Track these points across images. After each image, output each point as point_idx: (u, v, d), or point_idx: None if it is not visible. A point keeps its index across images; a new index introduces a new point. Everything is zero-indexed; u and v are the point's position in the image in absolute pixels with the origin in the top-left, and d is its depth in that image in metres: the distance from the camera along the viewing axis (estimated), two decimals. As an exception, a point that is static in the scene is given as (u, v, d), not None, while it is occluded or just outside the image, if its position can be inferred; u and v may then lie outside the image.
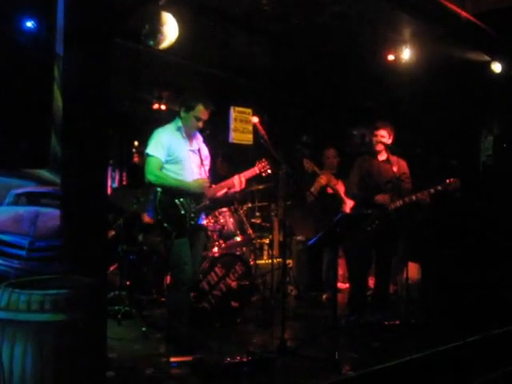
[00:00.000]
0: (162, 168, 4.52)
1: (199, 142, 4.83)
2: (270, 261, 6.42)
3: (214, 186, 4.79)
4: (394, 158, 5.63)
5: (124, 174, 10.06)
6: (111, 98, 3.68)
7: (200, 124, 4.68)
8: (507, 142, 7.39)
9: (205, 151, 4.87)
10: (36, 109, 3.00)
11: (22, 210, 5.17)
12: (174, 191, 4.51)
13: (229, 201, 6.12)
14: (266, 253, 7.80)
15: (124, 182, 10.02)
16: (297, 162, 6.47)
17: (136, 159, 6.84)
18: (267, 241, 7.26)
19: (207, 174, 4.78)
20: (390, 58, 6.68)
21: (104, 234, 3.87)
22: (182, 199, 4.52)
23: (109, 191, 7.62)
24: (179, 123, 4.69)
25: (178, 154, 4.58)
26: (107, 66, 3.60)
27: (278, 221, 7.03)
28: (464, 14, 6.03)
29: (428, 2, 5.62)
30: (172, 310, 4.58)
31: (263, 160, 5.09)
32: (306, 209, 6.80)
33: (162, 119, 9.01)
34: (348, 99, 8.34)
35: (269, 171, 5.11)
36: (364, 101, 8.19)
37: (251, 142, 7.36)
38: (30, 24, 2.92)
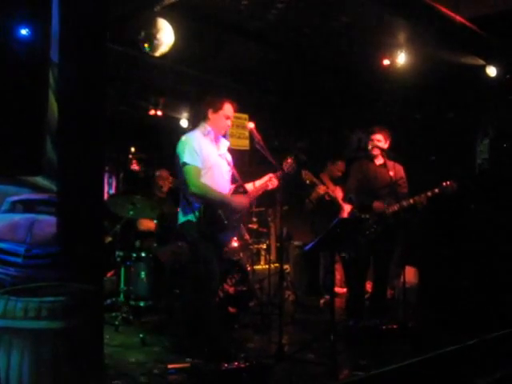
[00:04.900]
0: (201, 176, 4.33)
1: (225, 146, 4.69)
2: (267, 266, 6.42)
3: (249, 189, 4.61)
4: (390, 163, 5.63)
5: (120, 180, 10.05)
6: (107, 104, 3.68)
7: (229, 123, 4.59)
8: (503, 145, 7.40)
9: (228, 156, 4.72)
10: (31, 116, 2.99)
11: (17, 217, 5.13)
12: (217, 203, 4.33)
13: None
14: (263, 258, 7.81)
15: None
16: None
17: (136, 167, 6.79)
18: (264, 246, 7.26)
19: (232, 179, 4.61)
20: (385, 62, 6.72)
21: (100, 241, 3.87)
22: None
23: (105, 197, 7.60)
24: (208, 127, 4.51)
25: (210, 161, 4.42)
26: (102, 73, 3.60)
27: (275, 226, 7.02)
28: (458, 18, 6.04)
29: (422, 6, 5.63)
30: (205, 317, 4.40)
31: (288, 159, 4.74)
32: (303, 214, 6.80)
33: (159, 125, 9.08)
34: (344, 103, 8.36)
35: (292, 169, 4.75)
36: (359, 105, 8.20)
37: (247, 148, 7.38)
38: (24, 31, 2.92)
